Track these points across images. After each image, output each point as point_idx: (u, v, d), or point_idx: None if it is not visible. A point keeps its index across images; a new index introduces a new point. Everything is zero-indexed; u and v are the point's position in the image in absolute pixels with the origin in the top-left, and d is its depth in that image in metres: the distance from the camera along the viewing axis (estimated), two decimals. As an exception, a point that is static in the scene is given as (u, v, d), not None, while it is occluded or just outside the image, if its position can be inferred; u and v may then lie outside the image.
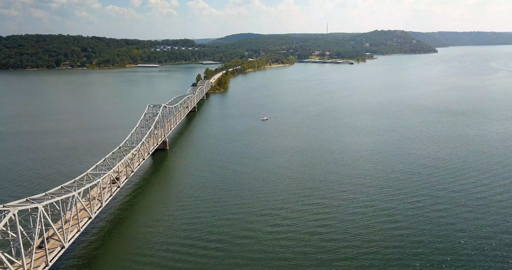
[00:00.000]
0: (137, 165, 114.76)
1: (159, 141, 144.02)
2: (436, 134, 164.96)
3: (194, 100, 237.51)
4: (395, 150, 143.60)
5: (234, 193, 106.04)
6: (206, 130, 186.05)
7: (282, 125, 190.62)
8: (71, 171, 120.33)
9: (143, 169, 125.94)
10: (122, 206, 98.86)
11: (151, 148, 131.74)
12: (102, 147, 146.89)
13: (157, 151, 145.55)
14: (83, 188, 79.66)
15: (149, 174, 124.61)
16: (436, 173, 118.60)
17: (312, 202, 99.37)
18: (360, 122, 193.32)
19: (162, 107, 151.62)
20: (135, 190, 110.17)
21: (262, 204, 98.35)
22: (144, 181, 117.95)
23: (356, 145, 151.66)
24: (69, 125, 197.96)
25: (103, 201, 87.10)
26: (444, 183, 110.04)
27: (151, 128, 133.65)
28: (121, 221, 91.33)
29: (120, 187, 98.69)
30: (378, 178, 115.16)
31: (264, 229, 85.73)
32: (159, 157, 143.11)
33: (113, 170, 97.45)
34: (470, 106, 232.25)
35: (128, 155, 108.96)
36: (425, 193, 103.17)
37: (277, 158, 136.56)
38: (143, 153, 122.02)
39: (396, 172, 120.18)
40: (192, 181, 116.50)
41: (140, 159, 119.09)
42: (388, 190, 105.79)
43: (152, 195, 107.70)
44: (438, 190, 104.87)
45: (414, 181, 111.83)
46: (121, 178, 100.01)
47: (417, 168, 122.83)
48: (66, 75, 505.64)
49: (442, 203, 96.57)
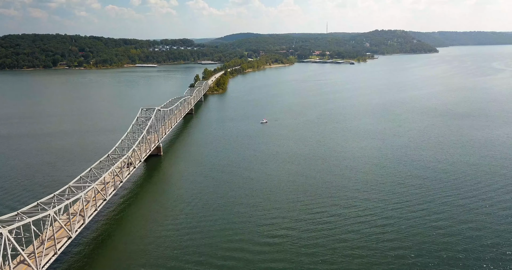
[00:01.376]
0: (127, 174, 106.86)
1: (152, 147, 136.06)
2: (444, 139, 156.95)
3: (191, 102, 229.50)
4: (402, 157, 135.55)
5: (231, 205, 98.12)
6: (203, 134, 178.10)
7: (282, 128, 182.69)
8: (54, 181, 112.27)
9: (134, 177, 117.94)
10: (108, 221, 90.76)
11: (143, 155, 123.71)
12: (93, 153, 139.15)
13: (151, 157, 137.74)
14: (62, 204, 71.86)
15: (140, 183, 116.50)
16: (447, 182, 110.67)
17: (314, 211, 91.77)
18: (363, 125, 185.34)
19: (156, 110, 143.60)
20: (124, 202, 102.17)
21: (260, 217, 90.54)
22: (134, 191, 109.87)
23: (361, 151, 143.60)
24: (60, 128, 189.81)
25: (86, 217, 79.18)
26: (456, 193, 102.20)
27: (143, 134, 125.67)
28: (106, 239, 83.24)
29: (106, 200, 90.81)
30: (385, 187, 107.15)
31: (259, 245, 77.97)
32: (152, 163, 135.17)
33: (99, 181, 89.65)
34: (476, 108, 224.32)
35: (117, 163, 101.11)
36: (436, 205, 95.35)
37: (277, 166, 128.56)
38: (134, 161, 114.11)
39: (404, 181, 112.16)
40: (186, 191, 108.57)
41: (131, 167, 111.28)
42: (396, 203, 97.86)
43: (142, 208, 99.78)
44: (450, 201, 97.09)
45: (424, 192, 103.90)
46: (107, 190, 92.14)
47: (427, 179, 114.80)
48: (63, 75, 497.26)
49: (447, 219, 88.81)
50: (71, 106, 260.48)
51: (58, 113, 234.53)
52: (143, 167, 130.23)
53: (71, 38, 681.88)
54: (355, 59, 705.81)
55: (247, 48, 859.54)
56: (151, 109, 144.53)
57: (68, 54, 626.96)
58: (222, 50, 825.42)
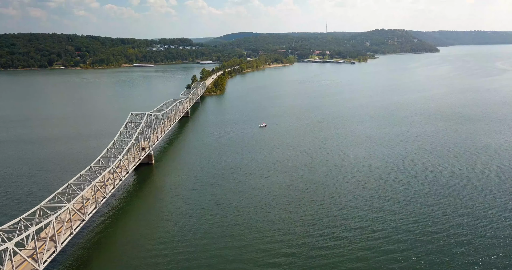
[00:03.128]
0: (111, 189, 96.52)
1: (142, 156, 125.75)
2: (456, 146, 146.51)
3: (187, 104, 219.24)
4: (412, 166, 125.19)
5: (225, 226, 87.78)
6: (198, 140, 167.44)
7: (282, 133, 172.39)
8: (25, 201, 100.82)
9: (120, 191, 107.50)
10: (86, 245, 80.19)
11: (131, 166, 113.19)
12: (76, 163, 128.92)
13: (141, 165, 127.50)
14: (26, 233, 61.57)
15: (127, 198, 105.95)
16: (464, 195, 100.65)
17: (317, 234, 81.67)
18: (368, 130, 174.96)
19: (147, 115, 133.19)
20: (106, 219, 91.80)
21: (256, 241, 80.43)
22: (120, 208, 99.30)
23: (366, 159, 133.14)
24: (44, 133, 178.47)
25: (58, 244, 68.93)
26: (474, 207, 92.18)
27: (131, 142, 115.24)
28: (82, 268, 72.99)
29: (85, 221, 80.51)
30: (396, 203, 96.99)
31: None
32: (142, 173, 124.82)
33: (77, 199, 79.46)
34: (487, 111, 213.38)
35: (99, 177, 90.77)
36: (454, 221, 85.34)
37: (276, 176, 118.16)
38: (120, 173, 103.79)
39: (417, 196, 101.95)
40: (177, 206, 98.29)
41: (116, 180, 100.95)
42: (410, 222, 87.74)
43: (127, 228, 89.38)
44: (470, 215, 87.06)
45: (439, 209, 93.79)
46: (87, 209, 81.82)
47: (440, 192, 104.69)
48: (58, 75, 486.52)
49: (467, 234, 78.78)
50: (60, 109, 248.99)
51: (45, 116, 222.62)
52: (132, 177, 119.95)
53: (67, 37, 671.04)
54: (355, 58, 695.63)
55: (246, 47, 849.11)
56: (142, 114, 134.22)
57: (64, 53, 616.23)
58: (221, 49, 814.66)
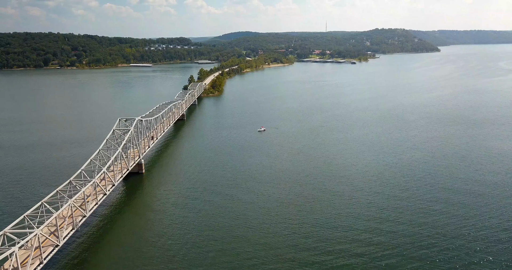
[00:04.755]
0: (93, 205, 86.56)
1: (131, 165, 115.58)
2: (470, 153, 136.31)
3: (183, 107, 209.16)
4: (424, 177, 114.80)
5: (219, 247, 78.09)
6: (193, 146, 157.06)
7: (281, 138, 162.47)
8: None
9: (103, 207, 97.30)
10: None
11: (118, 178, 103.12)
12: (57, 174, 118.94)
13: (131, 175, 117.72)
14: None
15: (111, 215, 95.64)
16: (482, 209, 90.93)
17: (319, 260, 71.95)
18: (374, 135, 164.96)
19: (136, 121, 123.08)
20: (84, 243, 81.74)
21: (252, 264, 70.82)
22: (101, 225, 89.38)
23: (374, 170, 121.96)
24: (26, 138, 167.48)
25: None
26: (496, 224, 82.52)
27: (118, 151, 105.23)
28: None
29: (59, 246, 70.63)
30: (409, 221, 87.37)
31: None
32: (131, 184, 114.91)
33: (49, 221, 69.65)
34: (499, 115, 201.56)
35: (78, 194, 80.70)
36: (477, 240, 75.70)
37: (274, 190, 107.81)
38: (105, 187, 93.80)
39: (432, 211, 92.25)
40: (165, 226, 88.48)
41: (100, 195, 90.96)
42: (425, 243, 78.05)
43: (107, 255, 79.42)
44: (491, 235, 77.43)
45: (457, 224, 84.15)
46: (62, 233, 71.90)
47: (457, 204, 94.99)
48: (53, 75, 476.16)
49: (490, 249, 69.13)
50: (47, 112, 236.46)
51: (30, 120, 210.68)
52: (119, 189, 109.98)
53: (63, 36, 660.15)
54: (356, 58, 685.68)
55: (246, 47, 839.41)
56: (131, 119, 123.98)
57: (60, 53, 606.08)
58: (219, 49, 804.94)
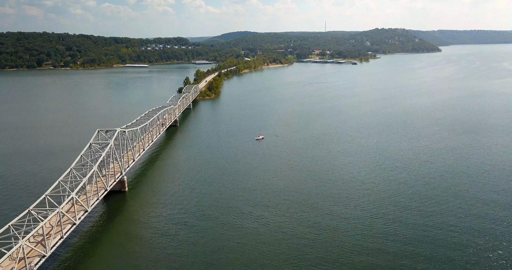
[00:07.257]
0: (58, 239, 72.97)
1: (111, 184, 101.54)
2: (491, 168, 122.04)
3: (176, 112, 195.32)
4: (441, 199, 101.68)
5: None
6: (184, 159, 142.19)
7: (281, 149, 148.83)
8: None
9: (73, 237, 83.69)
10: None
11: (92, 202, 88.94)
12: (17, 198, 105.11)
13: (112, 193, 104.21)
14: None
15: (85, 242, 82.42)
16: None
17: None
18: (381, 145, 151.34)
19: (117, 133, 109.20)
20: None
21: None
22: (66, 263, 75.96)
23: (388, 189, 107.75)
24: (3, 148, 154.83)
25: None
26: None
27: (94, 170, 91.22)
28: None
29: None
30: (432, 257, 74.20)
31: None
32: (110, 205, 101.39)
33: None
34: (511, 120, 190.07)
35: (36, 229, 67.12)
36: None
37: (270, 215, 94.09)
38: (74, 216, 79.92)
39: (458, 240, 79.20)
40: (150, 258, 75.09)
41: (67, 226, 77.25)
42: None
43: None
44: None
45: (485, 252, 71.02)
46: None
47: (482, 230, 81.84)
48: (45, 76, 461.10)
49: None
50: (29, 117, 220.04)
51: (11, 125, 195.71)
52: (95, 212, 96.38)
53: (58, 36, 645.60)
54: (357, 58, 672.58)
55: (244, 47, 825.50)
56: (112, 131, 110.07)
57: (54, 53, 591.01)
58: (217, 49, 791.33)
